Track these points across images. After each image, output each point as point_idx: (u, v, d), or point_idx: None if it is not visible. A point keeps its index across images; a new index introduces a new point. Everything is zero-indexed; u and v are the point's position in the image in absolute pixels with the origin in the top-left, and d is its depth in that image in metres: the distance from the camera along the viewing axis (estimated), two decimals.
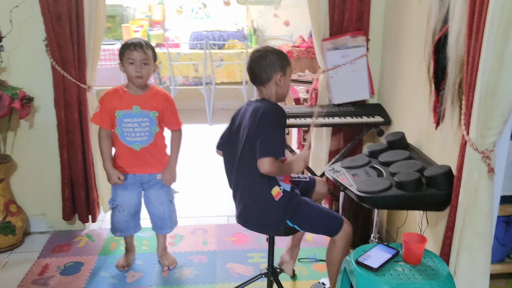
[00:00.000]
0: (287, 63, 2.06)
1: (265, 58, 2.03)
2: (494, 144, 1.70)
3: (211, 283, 2.55)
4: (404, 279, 1.67)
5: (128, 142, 2.45)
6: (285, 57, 2.06)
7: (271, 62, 2.02)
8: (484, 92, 1.61)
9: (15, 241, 2.91)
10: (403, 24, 2.55)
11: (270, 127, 1.94)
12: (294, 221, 2.06)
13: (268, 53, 2.03)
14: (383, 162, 2.23)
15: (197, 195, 3.67)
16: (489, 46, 1.55)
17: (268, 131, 1.93)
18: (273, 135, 1.93)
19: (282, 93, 2.08)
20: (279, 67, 2.03)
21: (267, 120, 1.95)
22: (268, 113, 1.96)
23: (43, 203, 3.06)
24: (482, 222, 1.78)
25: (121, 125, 2.42)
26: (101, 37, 2.76)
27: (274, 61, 2.02)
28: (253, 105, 2.04)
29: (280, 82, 2.04)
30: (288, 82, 2.10)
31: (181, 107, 6.15)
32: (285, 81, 2.06)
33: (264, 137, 1.92)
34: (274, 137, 1.93)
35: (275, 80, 2.03)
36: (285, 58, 2.05)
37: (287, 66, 2.06)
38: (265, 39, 6.06)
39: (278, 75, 2.03)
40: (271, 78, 2.03)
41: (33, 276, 2.62)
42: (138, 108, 2.41)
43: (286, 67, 2.05)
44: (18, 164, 2.97)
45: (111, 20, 5.75)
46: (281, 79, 2.04)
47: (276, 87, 2.05)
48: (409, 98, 2.51)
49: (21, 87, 2.74)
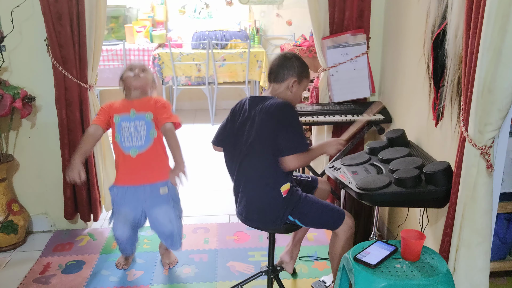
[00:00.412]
0: (306, 75, 2.11)
1: (289, 59, 2.10)
2: (492, 140, 1.69)
3: (211, 281, 2.55)
4: (402, 276, 1.67)
5: (125, 148, 2.40)
6: (306, 69, 2.11)
7: (292, 65, 2.08)
8: (481, 87, 1.60)
9: (17, 240, 2.93)
10: (403, 21, 2.55)
11: (290, 124, 1.99)
12: (295, 215, 2.06)
13: (294, 58, 2.10)
14: (382, 159, 2.23)
15: (199, 194, 3.67)
16: (486, 41, 1.54)
17: (289, 128, 1.98)
18: (295, 131, 1.99)
19: (292, 99, 2.11)
20: (297, 73, 2.08)
21: (285, 117, 1.98)
22: (284, 110, 2.00)
23: (45, 202, 3.08)
24: (481, 219, 1.77)
25: (119, 129, 2.39)
26: (102, 36, 2.76)
27: (295, 67, 2.08)
28: (263, 101, 2.04)
29: (292, 88, 2.08)
30: (300, 93, 2.14)
31: (184, 107, 6.20)
32: (297, 89, 2.10)
33: (287, 134, 1.97)
34: (297, 132, 1.99)
35: (288, 83, 2.08)
36: (305, 70, 2.11)
37: (304, 78, 2.11)
38: (267, 38, 6.06)
39: (292, 80, 2.07)
40: (286, 79, 2.08)
41: (34, 275, 2.63)
42: (134, 111, 2.39)
43: (303, 78, 2.10)
44: (20, 164, 2.98)
45: (114, 21, 5.77)
46: (294, 86, 2.08)
47: (287, 91, 2.09)
48: (409, 95, 2.50)
49: (22, 87, 2.76)
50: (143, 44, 5.38)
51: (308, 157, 2.03)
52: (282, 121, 1.97)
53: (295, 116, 2.01)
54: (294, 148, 1.96)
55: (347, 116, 2.76)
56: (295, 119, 2.01)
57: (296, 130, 1.99)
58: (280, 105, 2.00)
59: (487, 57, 1.56)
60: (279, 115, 1.97)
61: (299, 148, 1.97)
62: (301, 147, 1.98)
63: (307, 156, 2.02)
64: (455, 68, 1.86)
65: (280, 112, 1.98)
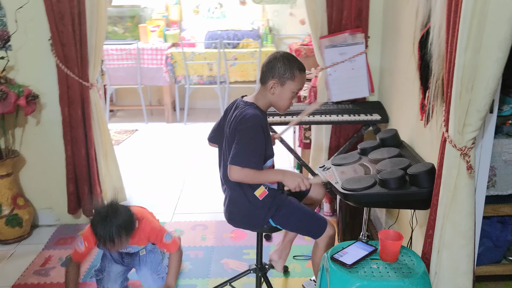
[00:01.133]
0: (290, 77, 1.95)
1: (273, 60, 1.97)
2: (473, 141, 1.66)
3: (204, 278, 2.59)
4: (377, 276, 1.66)
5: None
6: (294, 71, 1.95)
7: (274, 66, 1.96)
8: (459, 88, 1.58)
9: (22, 233, 3.03)
10: (398, 20, 2.52)
11: (243, 138, 1.92)
12: (276, 220, 2.06)
13: (279, 59, 1.96)
14: (372, 160, 2.22)
15: (200, 192, 3.72)
16: (463, 41, 1.52)
17: (240, 140, 1.92)
18: (244, 144, 1.91)
19: (275, 102, 2.02)
20: (278, 75, 1.95)
21: (242, 129, 1.93)
22: (244, 124, 1.93)
23: (50, 197, 3.17)
24: (463, 221, 1.74)
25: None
26: (103, 36, 2.83)
27: (278, 68, 1.95)
28: (240, 107, 2.02)
29: (273, 90, 1.97)
30: (285, 95, 1.99)
31: (196, 106, 6.26)
32: (280, 92, 1.97)
33: (236, 145, 1.92)
34: (245, 147, 1.90)
35: (269, 84, 1.97)
36: (291, 71, 1.95)
37: (289, 80, 1.95)
38: (280, 38, 6.06)
39: (272, 82, 1.96)
40: (267, 81, 1.98)
41: (35, 267, 2.72)
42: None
43: (287, 80, 1.95)
44: (26, 159, 3.09)
45: (130, 20, 5.88)
46: (275, 88, 1.97)
47: (268, 93, 1.99)
48: (403, 95, 2.48)
49: (27, 85, 2.85)
50: (157, 43, 5.46)
51: (256, 176, 1.92)
52: (238, 132, 1.93)
53: (251, 131, 1.92)
54: (235, 160, 1.89)
55: (344, 116, 2.75)
56: (250, 134, 1.92)
57: (245, 144, 1.90)
58: (243, 117, 1.94)
59: (465, 57, 1.53)
60: (238, 126, 1.94)
61: (241, 162, 1.88)
62: (242, 161, 1.88)
63: (256, 175, 1.91)
64: (439, 68, 1.83)
65: (239, 124, 1.94)
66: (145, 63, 5.44)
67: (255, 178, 1.93)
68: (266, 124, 2.04)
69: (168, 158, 4.55)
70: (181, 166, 4.28)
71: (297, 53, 4.43)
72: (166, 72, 5.47)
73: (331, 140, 2.99)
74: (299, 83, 1.98)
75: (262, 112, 2.02)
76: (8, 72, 2.88)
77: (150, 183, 3.96)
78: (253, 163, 1.90)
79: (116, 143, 4.97)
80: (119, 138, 5.15)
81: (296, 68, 1.95)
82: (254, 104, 2.02)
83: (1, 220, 2.91)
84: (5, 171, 2.90)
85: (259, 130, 1.94)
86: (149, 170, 4.24)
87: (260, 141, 1.94)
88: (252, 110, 1.98)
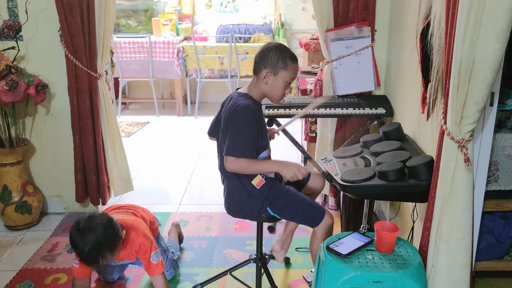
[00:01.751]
0: (283, 66, 1.97)
1: (265, 50, 2.00)
2: (471, 134, 1.66)
3: (206, 267, 2.62)
4: (371, 267, 1.67)
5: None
6: (286, 60, 1.97)
7: (266, 56, 1.98)
8: (457, 80, 1.57)
9: (31, 220, 3.10)
10: (405, 13, 2.51)
11: (235, 128, 1.95)
12: (274, 209, 2.07)
13: (272, 49, 1.99)
14: (373, 152, 2.22)
15: (207, 184, 3.76)
16: (460, 31, 1.51)
17: (233, 131, 1.95)
18: (236, 136, 1.94)
19: (268, 92, 2.04)
20: (271, 64, 1.97)
21: (235, 119, 1.96)
22: (237, 113, 1.96)
23: (59, 185, 3.23)
24: (460, 214, 1.74)
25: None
26: (111, 28, 2.87)
27: (270, 57, 1.97)
28: (234, 98, 2.05)
29: (266, 79, 1.99)
30: (278, 85, 2.01)
31: (208, 99, 6.30)
32: (273, 81, 1.99)
33: (230, 135, 1.95)
34: (238, 137, 1.93)
35: (262, 74, 1.99)
36: (283, 60, 1.97)
37: (282, 69, 1.97)
38: (292, 32, 6.06)
39: (265, 71, 1.98)
40: (260, 71, 2.00)
41: (42, 253, 2.78)
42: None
43: (280, 69, 1.97)
44: (36, 148, 3.15)
45: (143, 14, 5.93)
46: (268, 77, 1.99)
47: (261, 82, 2.02)
48: (407, 89, 2.47)
49: (38, 75, 2.91)
50: (169, 37, 5.49)
51: (252, 166, 1.95)
52: (232, 122, 1.96)
53: (244, 120, 1.95)
54: (230, 150, 1.93)
55: (349, 109, 2.75)
56: (243, 124, 1.95)
57: (239, 134, 1.94)
58: (235, 107, 1.97)
59: (462, 48, 1.53)
60: (232, 116, 1.97)
61: (234, 152, 1.92)
62: (233, 151, 1.92)
63: (252, 165, 1.94)
64: (439, 61, 1.82)
65: (233, 113, 1.97)
66: (157, 57, 5.49)
67: (251, 168, 1.96)
68: (260, 114, 2.06)
69: (178, 150, 4.59)
70: (190, 158, 4.32)
71: (306, 47, 4.43)
72: (178, 66, 5.51)
73: (336, 134, 2.99)
74: (292, 72, 2.00)
75: (255, 102, 2.04)
76: (19, 62, 2.95)
77: (158, 174, 4.01)
78: (248, 153, 1.93)
79: (127, 135, 5.03)
80: (130, 130, 5.21)
81: (288, 57, 1.98)
82: (247, 95, 2.04)
83: (11, 207, 2.98)
84: (15, 158, 2.97)
85: (251, 119, 1.96)
86: (158, 162, 4.29)
87: (253, 130, 1.96)
88: (244, 100, 2.00)
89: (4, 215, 3.01)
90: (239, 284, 2.41)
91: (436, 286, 1.81)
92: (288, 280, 2.50)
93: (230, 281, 2.46)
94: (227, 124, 1.99)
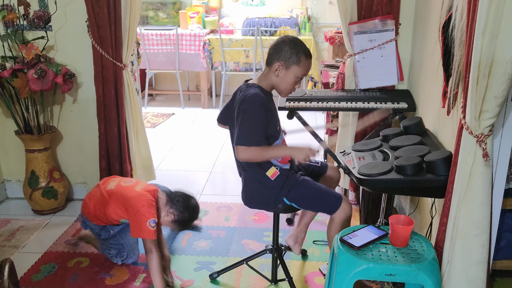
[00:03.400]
0: (295, 61, 1.99)
1: (280, 43, 2.02)
2: (490, 128, 1.63)
3: (223, 256, 2.65)
4: (384, 260, 1.67)
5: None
6: (300, 55, 1.99)
7: (280, 49, 2.01)
8: (476, 73, 1.55)
9: (57, 205, 3.20)
10: (428, 5, 2.47)
11: (244, 117, 1.98)
12: (290, 198, 2.09)
13: (287, 42, 2.01)
14: (392, 147, 2.20)
15: (228, 175, 3.79)
16: (481, 23, 1.48)
17: (242, 121, 1.98)
18: (246, 125, 1.96)
19: (277, 85, 2.06)
20: (283, 58, 1.99)
21: (243, 109, 1.99)
22: (245, 103, 1.99)
23: (85, 173, 3.33)
24: (478, 210, 1.71)
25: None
26: (136, 18, 2.92)
27: (283, 51, 1.99)
28: (244, 89, 2.07)
29: (277, 72, 2.01)
30: (288, 79, 2.03)
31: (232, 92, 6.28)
32: (284, 74, 2.01)
33: (239, 125, 1.98)
34: (247, 127, 1.96)
35: (274, 66, 2.02)
36: (297, 55, 1.99)
37: (294, 64, 2.00)
38: (319, 26, 6.02)
39: (277, 64, 2.00)
40: (273, 63, 2.03)
41: (66, 236, 2.87)
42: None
43: (292, 64, 2.00)
44: (63, 135, 3.25)
45: (171, 7, 6.01)
46: (279, 70, 2.01)
47: (272, 74, 2.04)
48: (430, 83, 2.43)
49: (65, 64, 2.99)
50: (195, 29, 5.55)
51: (263, 153, 1.98)
52: (241, 112, 1.99)
53: (252, 109, 1.97)
54: (239, 140, 1.96)
55: (370, 103, 2.72)
56: (251, 113, 1.97)
57: (247, 124, 1.96)
58: (245, 97, 2.00)
59: (482, 40, 1.50)
60: (241, 106, 2.00)
61: (245, 141, 1.94)
62: (244, 141, 1.95)
63: (262, 152, 1.97)
64: (461, 54, 1.79)
65: (242, 103, 1.99)
66: (184, 49, 5.55)
67: (262, 155, 1.99)
68: (269, 103, 2.07)
69: (201, 142, 4.65)
70: (213, 150, 4.37)
71: (331, 41, 4.41)
72: (204, 58, 5.56)
73: (358, 128, 2.96)
74: (304, 69, 2.02)
75: (264, 91, 2.06)
76: (48, 52, 3.04)
77: (181, 164, 4.07)
78: (257, 141, 1.96)
79: (153, 126, 5.12)
80: (155, 121, 5.30)
81: (302, 53, 1.99)
82: (255, 85, 2.07)
83: (38, 192, 3.09)
84: (43, 145, 3.07)
85: (260, 108, 1.99)
86: (182, 152, 4.35)
87: (261, 119, 1.98)
88: (253, 90, 2.03)
89: (31, 200, 3.12)
90: (255, 274, 2.44)
91: (452, 282, 1.79)
92: (304, 272, 2.52)
93: (246, 271, 2.49)
94: (237, 114, 2.02)
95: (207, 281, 2.43)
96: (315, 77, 5.48)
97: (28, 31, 2.98)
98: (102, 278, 2.47)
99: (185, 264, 2.59)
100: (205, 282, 2.43)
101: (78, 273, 2.51)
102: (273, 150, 2.03)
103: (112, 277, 2.48)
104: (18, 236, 2.88)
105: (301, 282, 2.42)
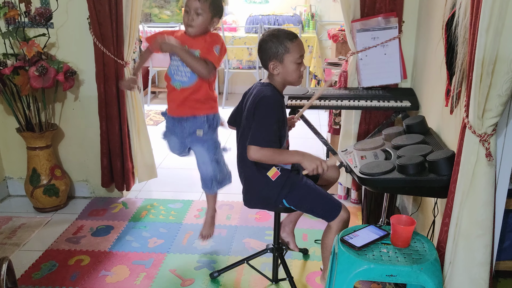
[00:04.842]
0: (284, 51, 1.94)
1: (262, 44, 2.00)
2: (493, 128, 1.60)
3: (224, 255, 2.64)
4: (385, 260, 1.65)
5: (173, 80, 2.46)
6: (285, 43, 1.94)
7: (265, 49, 1.97)
8: (480, 71, 1.52)
9: (58, 203, 3.19)
10: (432, 2, 2.44)
11: (260, 117, 1.95)
12: (290, 201, 2.06)
13: (267, 39, 1.97)
14: (394, 146, 2.17)
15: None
16: (484, 20, 1.46)
17: (258, 121, 1.95)
18: (261, 125, 1.93)
19: (284, 79, 2.03)
20: (273, 55, 1.96)
21: (259, 109, 1.96)
22: (262, 103, 1.96)
23: (86, 170, 3.32)
24: (481, 210, 1.69)
25: (171, 62, 2.48)
26: (138, 16, 2.91)
27: (269, 48, 1.96)
28: (257, 88, 2.05)
29: (276, 70, 1.98)
30: (289, 68, 1.98)
31: (236, 90, 6.31)
32: (283, 68, 1.98)
33: (254, 125, 1.95)
34: (262, 127, 1.93)
35: (270, 67, 1.99)
36: (282, 45, 1.94)
37: (285, 54, 1.95)
38: (323, 24, 5.99)
39: (271, 64, 1.98)
40: (268, 65, 2.00)
41: (68, 235, 2.87)
42: (186, 47, 2.38)
43: (283, 55, 1.95)
44: (65, 133, 3.24)
45: (175, 4, 6.00)
46: (276, 67, 1.98)
47: (274, 74, 2.01)
48: (433, 81, 2.41)
49: (67, 62, 2.98)
50: None
51: (275, 156, 1.95)
52: (256, 112, 1.96)
53: (265, 110, 1.95)
54: (252, 140, 1.93)
55: (373, 101, 2.70)
56: (264, 113, 1.95)
57: (261, 124, 1.94)
58: (261, 97, 1.97)
59: (485, 38, 1.48)
60: (254, 106, 1.97)
61: (256, 141, 1.91)
62: (258, 141, 1.91)
63: (275, 155, 1.94)
64: (464, 52, 1.76)
65: (258, 103, 1.96)
66: None
67: (274, 158, 1.96)
68: (283, 105, 2.06)
69: None
70: None
71: (334, 39, 4.38)
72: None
73: (360, 126, 2.94)
74: (297, 51, 1.97)
75: (278, 92, 2.04)
76: (49, 49, 3.03)
77: (183, 162, 4.03)
78: (272, 143, 1.93)
79: (155, 124, 5.11)
80: (158, 119, 5.28)
81: (285, 39, 1.95)
82: (270, 85, 2.04)
83: (40, 189, 3.09)
84: (44, 143, 3.06)
85: (277, 109, 1.97)
86: None
87: (278, 120, 1.96)
88: (269, 91, 2.00)
89: (33, 197, 3.12)
90: (256, 273, 2.42)
91: (454, 283, 1.77)
92: (305, 271, 2.50)
93: (247, 270, 2.47)
94: (252, 114, 1.99)
95: (207, 280, 2.42)
96: (318, 75, 5.46)
97: (30, 28, 2.98)
98: (103, 276, 2.46)
99: (186, 263, 2.57)
100: (206, 281, 2.42)
101: (78, 271, 2.51)
102: (285, 154, 1.99)
103: (112, 275, 2.47)
104: (19, 234, 2.87)
105: (302, 282, 2.40)
